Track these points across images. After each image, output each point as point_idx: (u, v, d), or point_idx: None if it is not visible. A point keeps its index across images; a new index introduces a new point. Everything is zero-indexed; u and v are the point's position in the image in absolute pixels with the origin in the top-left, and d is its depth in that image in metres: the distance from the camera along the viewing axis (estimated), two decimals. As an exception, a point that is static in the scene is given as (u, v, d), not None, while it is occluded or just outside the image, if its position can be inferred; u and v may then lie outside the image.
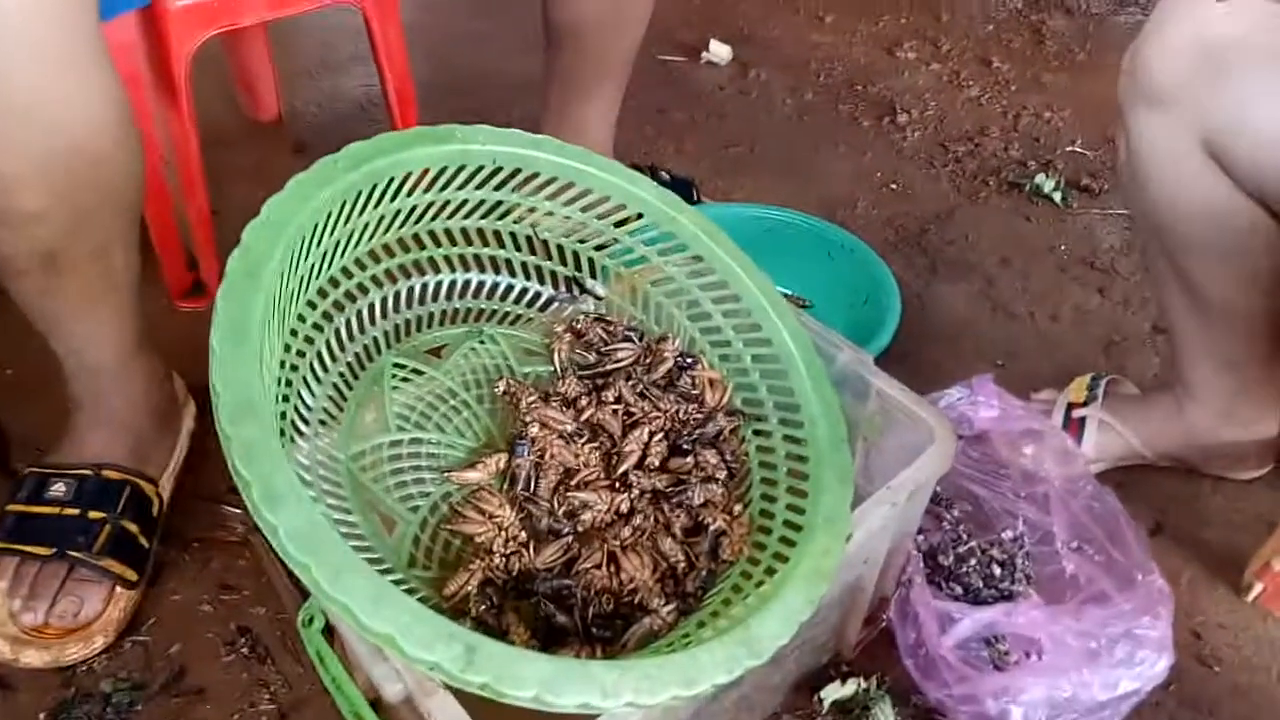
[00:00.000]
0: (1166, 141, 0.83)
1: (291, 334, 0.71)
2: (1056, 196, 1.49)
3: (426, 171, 0.76)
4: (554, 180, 0.82)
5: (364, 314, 0.79)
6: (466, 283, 0.85)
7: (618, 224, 0.84)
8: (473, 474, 0.73)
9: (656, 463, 0.77)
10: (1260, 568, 0.93)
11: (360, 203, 0.72)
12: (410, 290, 0.82)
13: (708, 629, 0.63)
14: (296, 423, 0.70)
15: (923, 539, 0.89)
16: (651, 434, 0.77)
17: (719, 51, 1.82)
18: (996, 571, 0.88)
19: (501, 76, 1.72)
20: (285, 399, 0.69)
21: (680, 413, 0.79)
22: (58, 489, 0.89)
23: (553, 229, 0.85)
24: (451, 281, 0.84)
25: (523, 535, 0.71)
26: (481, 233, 0.83)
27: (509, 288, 0.86)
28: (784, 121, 1.68)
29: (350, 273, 0.77)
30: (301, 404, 0.71)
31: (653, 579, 0.69)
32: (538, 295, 0.87)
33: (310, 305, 0.73)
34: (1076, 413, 1.06)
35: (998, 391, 0.92)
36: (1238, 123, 0.78)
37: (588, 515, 0.72)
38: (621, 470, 0.75)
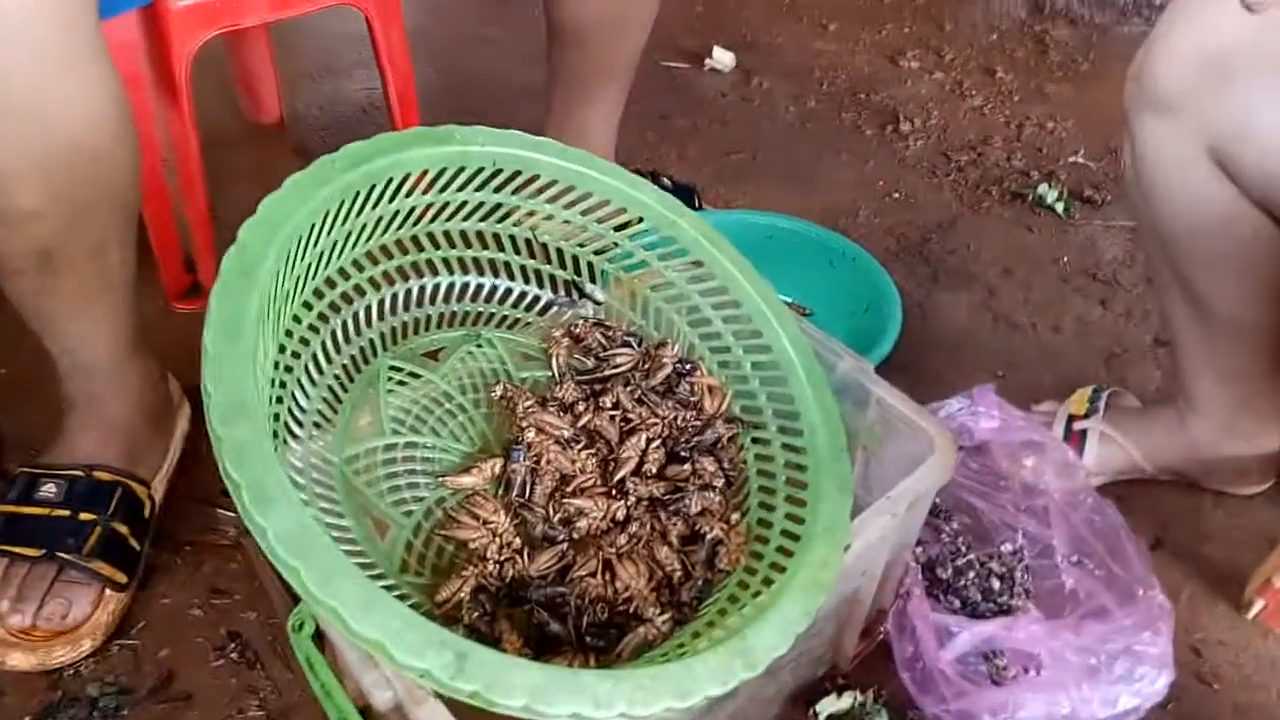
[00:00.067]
0: (1172, 149, 0.82)
1: (287, 335, 0.70)
2: (1059, 207, 1.49)
3: (425, 173, 0.75)
4: (554, 183, 0.81)
5: (360, 316, 0.78)
6: (465, 286, 0.84)
7: (618, 228, 0.84)
8: (467, 479, 0.73)
9: (654, 470, 0.76)
10: (1261, 585, 0.92)
11: (358, 203, 0.71)
12: (408, 293, 0.81)
13: (703, 639, 0.62)
14: (290, 425, 0.69)
15: (921, 551, 0.88)
16: (649, 440, 0.76)
17: (722, 58, 1.81)
18: (995, 585, 0.87)
19: (505, 82, 1.72)
20: (279, 401, 0.68)
21: (678, 419, 0.78)
22: (48, 489, 0.88)
23: (552, 232, 0.84)
24: (449, 284, 0.83)
25: (517, 542, 0.70)
26: (480, 235, 0.83)
27: (507, 291, 0.86)
28: (786, 129, 1.68)
29: (347, 274, 0.76)
30: (296, 406, 0.71)
31: (648, 588, 0.68)
32: (536, 299, 0.87)
33: (306, 306, 0.72)
34: (1078, 425, 1.05)
35: (998, 402, 0.91)
36: (1244, 130, 0.78)
37: (583, 522, 0.71)
38: (618, 477, 0.74)
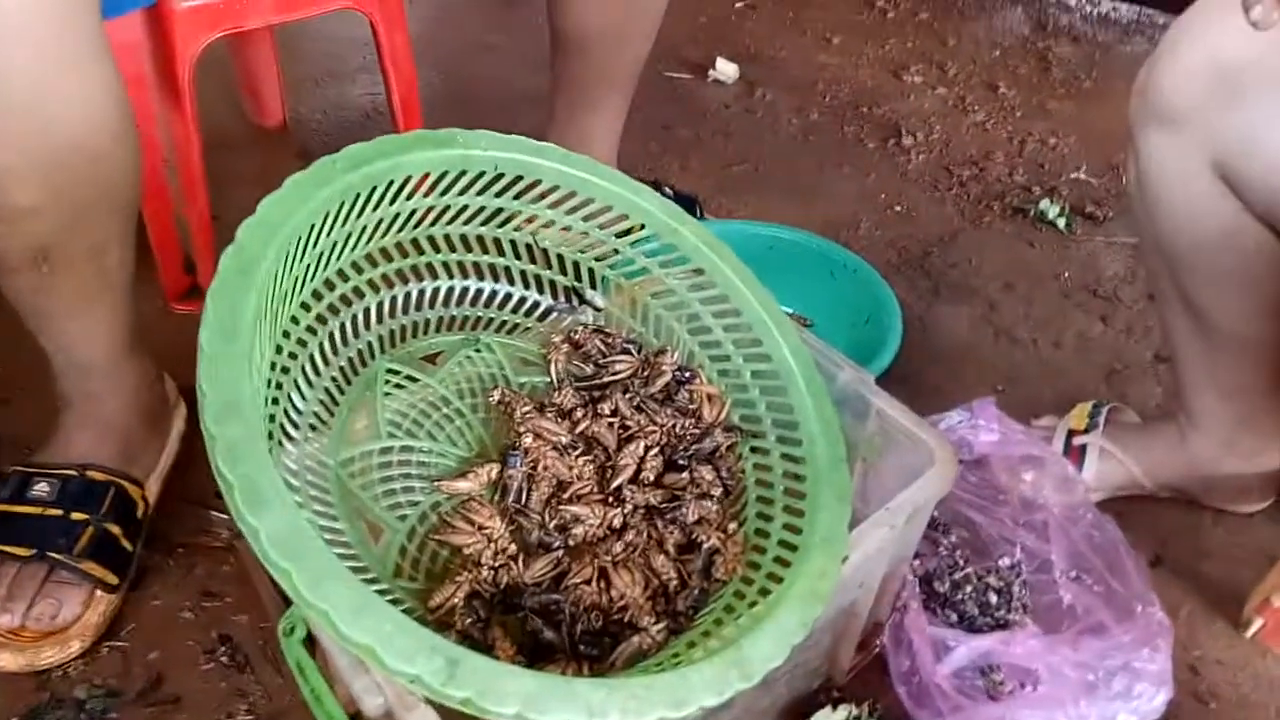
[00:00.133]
0: (1177, 163, 0.82)
1: (284, 336, 0.70)
2: (1061, 223, 1.48)
3: (427, 176, 0.75)
4: (556, 189, 0.81)
5: (359, 318, 0.78)
6: (464, 290, 0.84)
7: (619, 235, 0.84)
8: (463, 484, 0.72)
9: (651, 478, 0.75)
10: (1260, 603, 0.92)
11: (358, 205, 0.71)
12: (407, 296, 0.81)
13: (698, 649, 0.62)
14: (285, 426, 0.69)
15: (918, 564, 0.87)
16: (647, 448, 0.76)
17: (725, 70, 1.81)
18: (993, 599, 0.86)
19: (508, 88, 1.72)
20: (275, 402, 0.68)
21: (677, 427, 0.78)
22: (41, 488, 0.88)
23: (553, 238, 0.84)
24: (449, 288, 0.83)
25: (512, 548, 0.70)
26: (481, 239, 0.82)
27: (507, 296, 0.85)
28: (789, 141, 1.68)
29: (346, 276, 0.75)
30: (292, 407, 0.70)
31: (643, 596, 0.68)
32: (536, 304, 0.86)
33: (304, 307, 0.72)
34: (1077, 440, 1.05)
35: (998, 415, 0.91)
36: (1250, 145, 0.78)
37: (579, 529, 0.71)
38: (615, 484, 0.74)
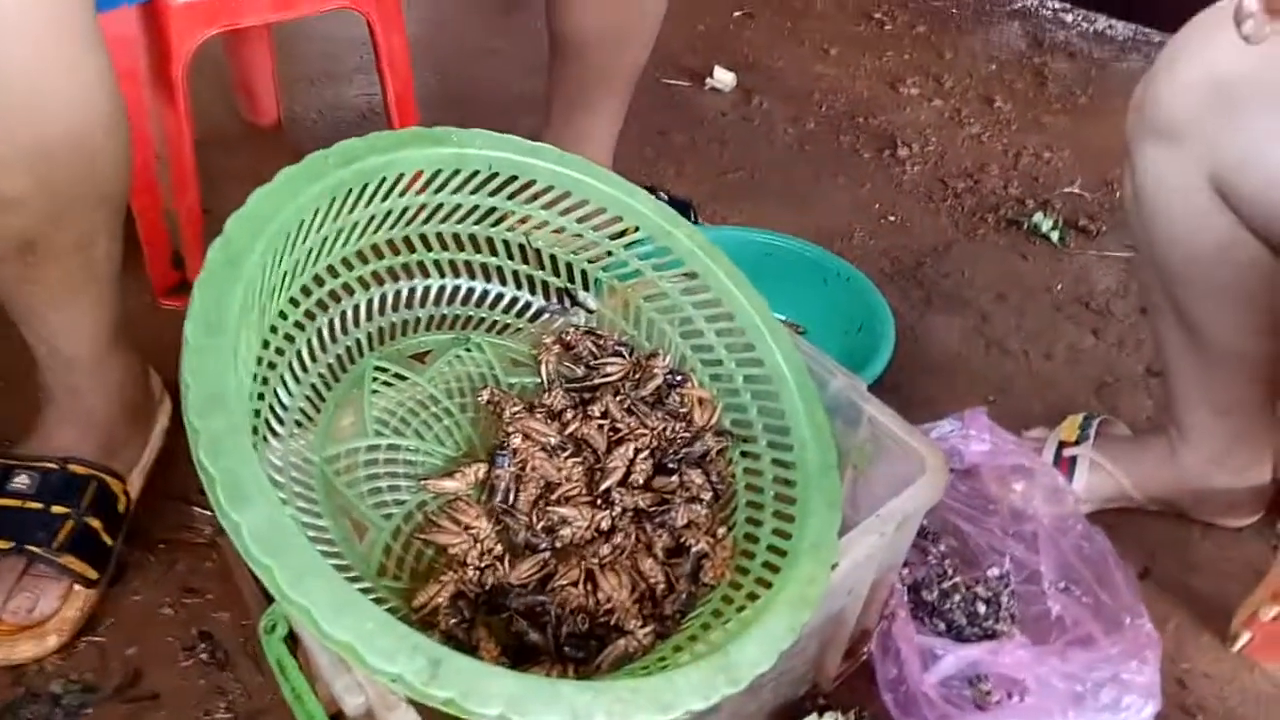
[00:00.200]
0: (1173, 177, 0.82)
1: (271, 330, 0.69)
2: (1054, 236, 1.49)
3: (420, 173, 0.75)
4: (550, 189, 0.80)
5: (348, 315, 0.77)
6: (455, 289, 0.83)
7: (613, 237, 0.83)
8: (450, 483, 0.71)
9: (640, 481, 0.75)
10: (1248, 618, 0.91)
11: (350, 201, 0.70)
12: (397, 293, 0.80)
13: (685, 653, 0.61)
14: (271, 421, 0.68)
15: (907, 573, 0.87)
16: (637, 451, 0.75)
17: (723, 78, 1.82)
18: (981, 609, 0.86)
19: (505, 92, 1.72)
20: (260, 397, 0.67)
21: (667, 431, 0.77)
22: (21, 481, 0.87)
23: (546, 238, 0.83)
24: (440, 287, 0.82)
25: (498, 548, 0.69)
26: (474, 239, 0.82)
27: (498, 296, 0.85)
28: (785, 150, 1.68)
29: (336, 272, 0.75)
30: (278, 403, 0.69)
31: (630, 599, 0.67)
32: (528, 305, 0.86)
33: (293, 302, 0.71)
34: (1067, 451, 1.04)
35: (990, 425, 0.90)
36: (1247, 160, 0.78)
37: (567, 531, 0.70)
38: (604, 487, 0.73)
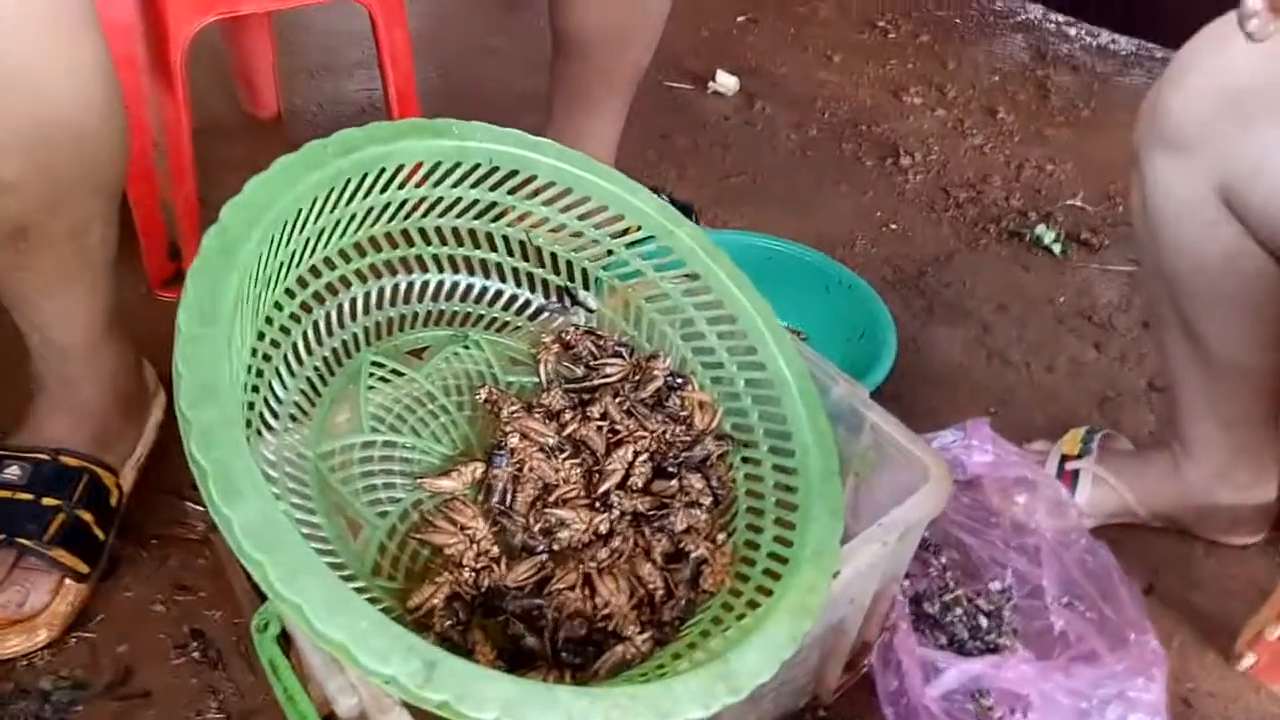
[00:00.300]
0: (1182, 187, 0.81)
1: (267, 322, 0.68)
2: (1056, 248, 1.48)
3: (420, 165, 0.73)
4: (551, 185, 0.79)
5: (345, 308, 0.76)
6: (454, 284, 0.82)
7: (614, 235, 0.82)
8: (446, 482, 0.70)
9: (639, 484, 0.73)
10: (1253, 638, 0.90)
11: (348, 192, 0.69)
12: (395, 288, 0.79)
13: (684, 661, 0.60)
14: (265, 415, 0.67)
15: (908, 585, 0.85)
16: (636, 454, 0.74)
17: (726, 82, 1.81)
18: (983, 623, 0.85)
19: (507, 90, 1.71)
20: (255, 390, 0.66)
21: (667, 434, 0.76)
22: (11, 472, 0.85)
23: (547, 235, 0.82)
24: (439, 282, 0.81)
25: (495, 550, 0.67)
26: (473, 234, 0.80)
27: (498, 293, 0.83)
28: (787, 155, 1.67)
29: (333, 264, 0.73)
30: (272, 396, 0.68)
31: (629, 605, 0.66)
32: (527, 303, 0.84)
33: (289, 294, 0.70)
34: (1070, 465, 1.03)
35: (992, 436, 0.89)
36: (1257, 170, 0.77)
37: (565, 534, 0.69)
38: (603, 489, 0.72)
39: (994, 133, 1.76)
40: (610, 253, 0.82)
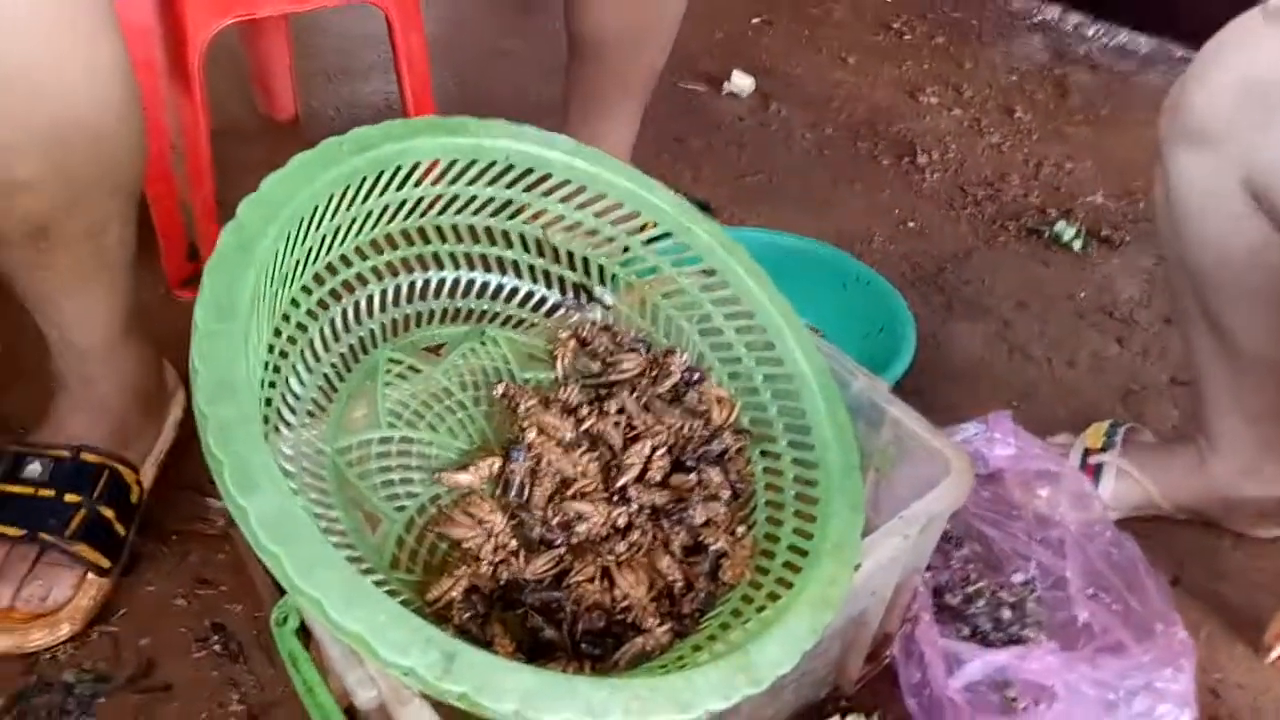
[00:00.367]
0: (1206, 181, 0.81)
1: (284, 319, 0.68)
2: (1076, 245, 1.47)
3: (436, 163, 0.74)
4: (567, 182, 0.79)
5: (362, 305, 0.76)
6: (470, 282, 0.82)
7: (631, 232, 0.82)
8: (464, 476, 0.70)
9: (658, 478, 0.73)
10: (1281, 630, 0.89)
11: (364, 189, 0.69)
12: (411, 285, 0.79)
13: (704, 653, 0.59)
14: (283, 411, 0.67)
15: (930, 577, 0.85)
16: (654, 448, 0.74)
17: (741, 83, 1.80)
18: (1006, 615, 0.84)
19: (522, 95, 1.71)
20: (272, 385, 0.66)
21: (685, 429, 0.75)
22: (33, 469, 0.86)
23: (563, 232, 0.82)
24: (455, 279, 0.81)
25: (513, 544, 0.67)
26: (489, 231, 0.80)
27: (514, 290, 0.83)
28: (803, 155, 1.66)
29: (350, 261, 0.74)
30: (289, 392, 0.68)
31: (648, 597, 0.66)
32: (544, 300, 0.84)
33: (305, 291, 0.70)
34: (1093, 459, 1.02)
35: (1015, 429, 0.88)
36: None
37: (583, 527, 0.68)
38: (621, 483, 0.71)
39: (1012, 131, 1.75)
40: (627, 249, 0.82)
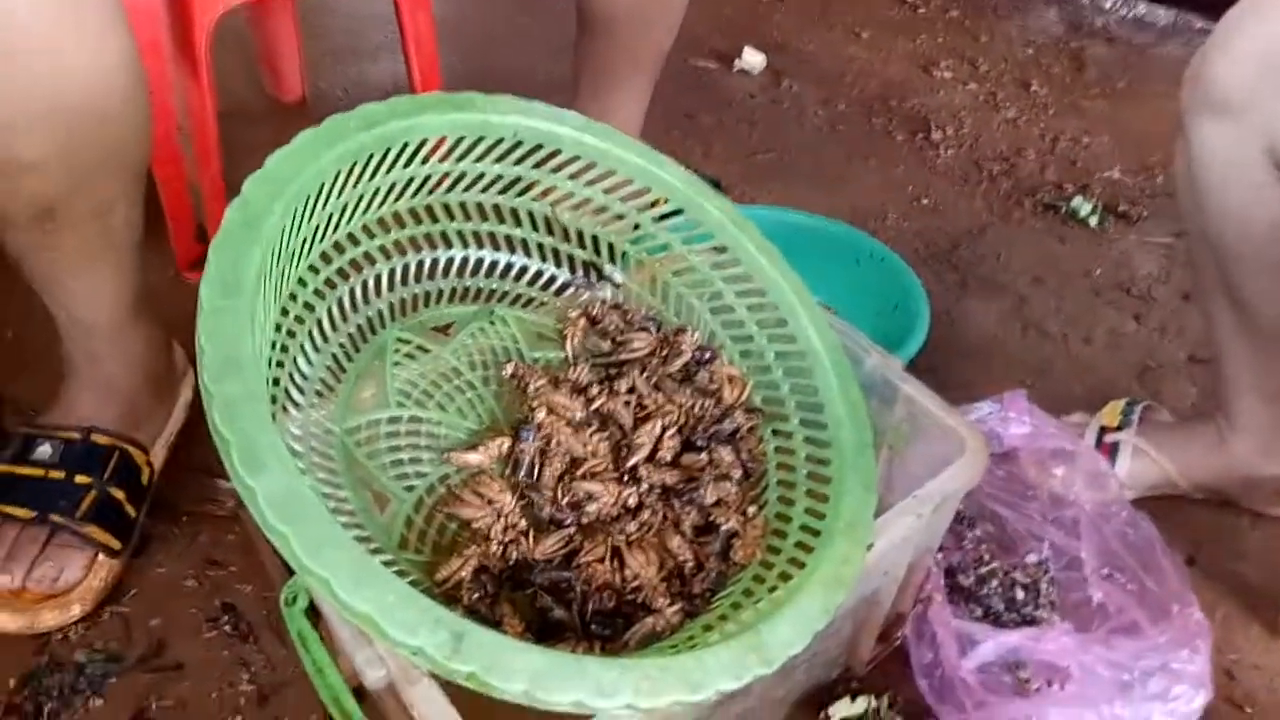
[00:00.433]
0: (1229, 151, 0.79)
1: (290, 298, 0.68)
2: (1093, 221, 1.45)
3: (443, 140, 0.73)
4: (576, 159, 0.78)
5: (370, 284, 0.75)
6: (479, 260, 0.81)
7: (641, 208, 0.81)
8: (473, 456, 0.69)
9: (668, 458, 0.72)
10: (1299, 611, 0.88)
11: (371, 166, 0.68)
12: (420, 264, 0.78)
13: (715, 633, 0.59)
14: (291, 391, 0.67)
15: (942, 557, 0.84)
16: (664, 428, 0.73)
17: (752, 60, 1.79)
18: (1019, 595, 0.83)
19: (532, 75, 1.68)
20: (280, 365, 0.65)
21: (696, 408, 0.75)
22: (44, 450, 0.86)
23: (573, 210, 0.81)
24: (464, 258, 0.80)
25: (522, 523, 0.67)
26: (498, 209, 0.80)
27: (523, 269, 0.83)
28: (815, 132, 1.65)
29: (357, 239, 0.73)
30: (297, 372, 0.68)
31: (658, 577, 0.65)
32: (553, 278, 0.83)
33: (313, 270, 0.70)
34: (1109, 437, 1.01)
35: (1030, 408, 0.88)
36: None
37: (592, 507, 0.68)
38: (631, 463, 0.71)
39: (1027, 106, 1.73)
40: (637, 226, 0.81)
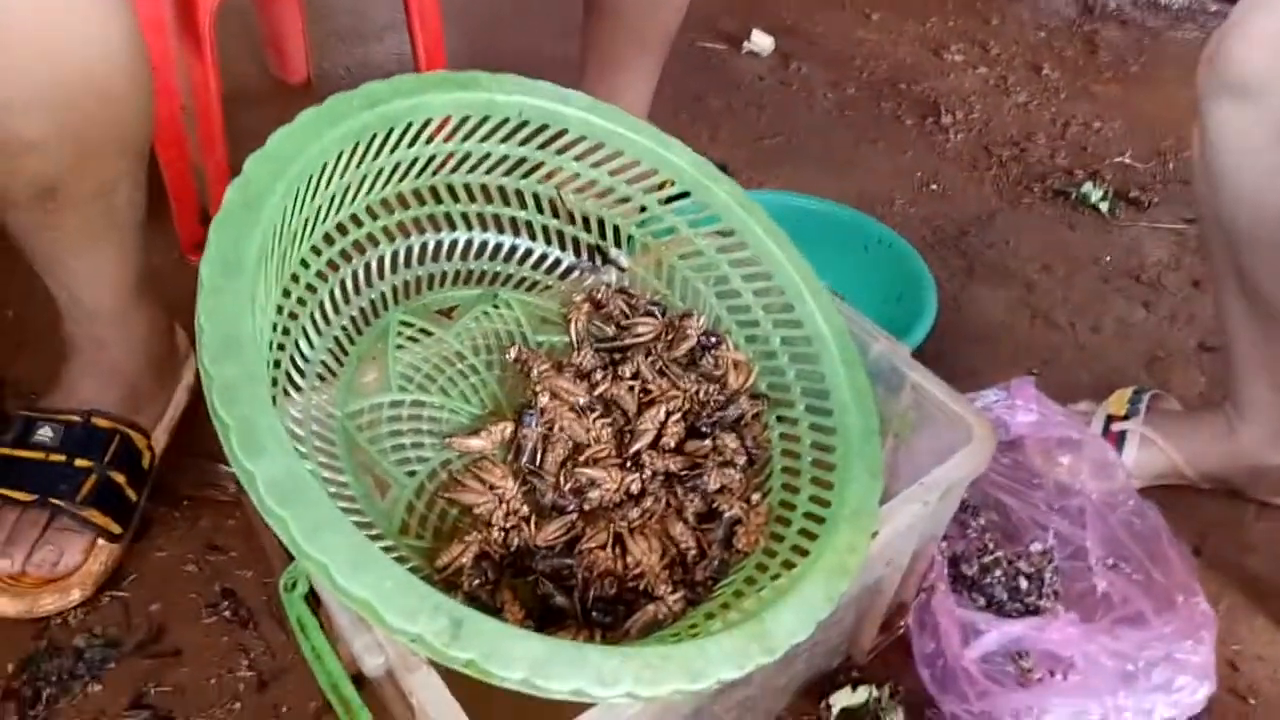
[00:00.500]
0: (1245, 134, 0.78)
1: (292, 280, 0.67)
2: (1103, 207, 1.44)
3: (447, 120, 0.72)
4: (582, 139, 0.77)
5: (372, 266, 0.74)
6: (483, 243, 0.80)
7: (648, 190, 0.80)
8: (476, 441, 0.69)
9: (672, 444, 0.72)
10: (1306, 602, 0.88)
11: (374, 146, 0.68)
12: (423, 246, 0.78)
13: (717, 621, 0.58)
14: (292, 374, 0.66)
15: (945, 546, 0.83)
16: (669, 414, 0.73)
17: (761, 42, 1.77)
18: (1023, 584, 0.83)
19: (537, 56, 1.67)
20: (281, 348, 0.65)
21: (700, 393, 0.74)
22: (44, 433, 0.86)
23: (578, 192, 0.80)
24: (468, 241, 0.80)
25: (524, 509, 0.66)
26: (503, 191, 0.79)
27: (528, 252, 0.82)
28: (823, 115, 1.63)
29: (360, 221, 0.72)
30: (299, 355, 0.67)
31: (660, 565, 0.65)
32: (558, 262, 0.83)
33: (315, 251, 0.69)
34: (1116, 426, 1.01)
35: (1037, 396, 0.87)
36: None
37: (595, 493, 0.67)
38: (634, 449, 0.70)
39: (1039, 90, 1.72)
40: (643, 209, 0.80)
